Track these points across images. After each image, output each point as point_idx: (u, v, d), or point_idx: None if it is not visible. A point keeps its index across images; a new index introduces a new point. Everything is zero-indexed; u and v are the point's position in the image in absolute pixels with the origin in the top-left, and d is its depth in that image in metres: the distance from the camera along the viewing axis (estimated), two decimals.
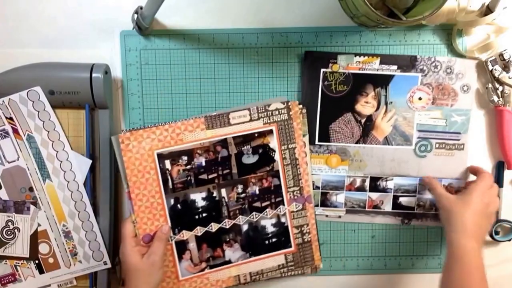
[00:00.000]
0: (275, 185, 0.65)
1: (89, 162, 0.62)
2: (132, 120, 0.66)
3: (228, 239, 0.65)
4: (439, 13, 0.55)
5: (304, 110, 0.64)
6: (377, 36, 0.65)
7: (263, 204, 0.65)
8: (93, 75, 0.59)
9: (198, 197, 0.63)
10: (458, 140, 0.65)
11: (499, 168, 0.67)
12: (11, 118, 0.61)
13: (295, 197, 0.65)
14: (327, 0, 0.64)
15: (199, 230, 0.64)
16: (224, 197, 0.64)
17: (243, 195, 0.64)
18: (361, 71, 0.63)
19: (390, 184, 0.66)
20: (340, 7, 0.63)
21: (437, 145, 0.64)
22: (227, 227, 0.64)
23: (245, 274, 0.65)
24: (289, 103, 0.63)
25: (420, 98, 0.63)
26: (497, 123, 0.66)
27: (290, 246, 0.66)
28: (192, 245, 0.64)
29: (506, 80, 0.64)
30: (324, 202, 0.67)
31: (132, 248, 0.59)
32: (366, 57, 0.63)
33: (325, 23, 0.65)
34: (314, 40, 0.65)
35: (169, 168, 0.62)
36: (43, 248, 0.63)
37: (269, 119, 0.63)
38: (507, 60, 0.64)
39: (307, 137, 0.65)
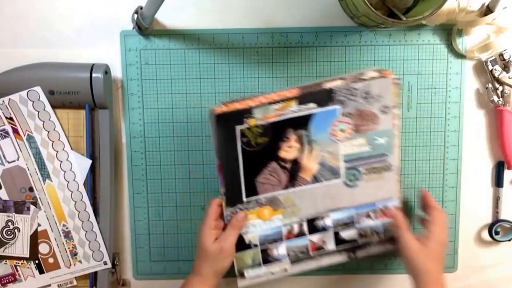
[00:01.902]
0: None
1: (89, 162, 0.62)
2: (132, 120, 0.66)
3: None
4: (439, 13, 0.55)
5: (399, 81, 0.61)
6: (377, 36, 0.65)
7: None
8: (93, 75, 0.59)
9: None
10: (385, 161, 0.61)
11: (499, 168, 0.67)
12: (11, 118, 0.61)
13: None
14: (327, 0, 0.64)
15: None
16: None
17: None
18: (279, 118, 0.58)
19: (328, 222, 0.62)
20: (340, 7, 0.63)
21: (365, 171, 0.61)
22: None
23: None
24: (383, 72, 0.60)
25: (342, 130, 0.60)
26: (497, 123, 0.66)
27: None
28: None
29: (506, 80, 0.64)
30: (267, 259, 0.62)
31: (208, 230, 0.58)
32: (282, 103, 0.58)
33: (325, 23, 0.65)
34: (314, 40, 0.65)
35: None
36: (43, 248, 0.63)
37: None
38: (507, 60, 0.64)
39: (397, 110, 0.61)
